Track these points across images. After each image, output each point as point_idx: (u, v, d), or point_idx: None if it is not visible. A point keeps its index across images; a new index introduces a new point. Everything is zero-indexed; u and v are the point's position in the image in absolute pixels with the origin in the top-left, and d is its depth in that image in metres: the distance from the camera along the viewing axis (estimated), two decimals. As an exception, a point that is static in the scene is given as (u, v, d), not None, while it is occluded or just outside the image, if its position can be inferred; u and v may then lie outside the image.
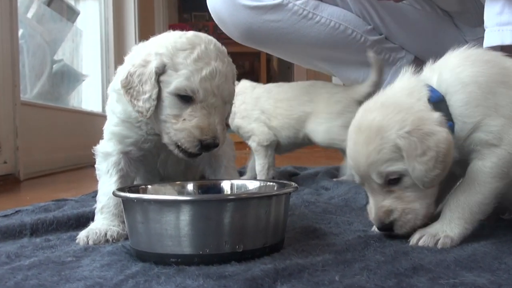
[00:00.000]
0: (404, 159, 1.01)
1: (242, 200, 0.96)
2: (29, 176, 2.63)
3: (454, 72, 1.07)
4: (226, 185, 1.18)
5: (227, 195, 1.14)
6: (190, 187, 1.17)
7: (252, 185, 1.17)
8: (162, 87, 1.13)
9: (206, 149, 1.13)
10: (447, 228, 1.04)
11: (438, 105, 1.05)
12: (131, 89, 1.14)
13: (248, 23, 1.97)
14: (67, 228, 1.25)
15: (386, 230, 1.07)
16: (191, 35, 1.17)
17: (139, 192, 1.10)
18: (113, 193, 1.03)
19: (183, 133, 1.12)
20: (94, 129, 1.45)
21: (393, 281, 0.81)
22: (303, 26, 1.95)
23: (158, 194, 1.12)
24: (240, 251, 0.93)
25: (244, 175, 2.20)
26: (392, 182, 1.04)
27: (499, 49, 1.42)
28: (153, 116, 1.15)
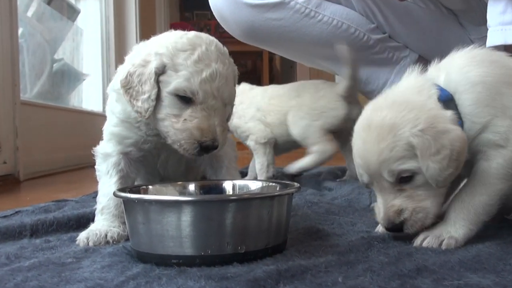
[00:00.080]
0: (417, 157, 1.00)
1: (244, 200, 0.95)
2: (29, 177, 2.62)
3: (462, 72, 1.06)
4: (228, 185, 1.17)
5: (229, 195, 1.14)
6: (192, 187, 1.17)
7: (254, 185, 1.17)
8: (161, 87, 1.13)
9: (205, 151, 1.13)
10: (452, 229, 1.03)
11: (447, 104, 1.05)
12: (130, 89, 1.14)
13: (250, 21, 1.96)
14: (67, 229, 1.24)
15: (395, 230, 1.05)
16: (192, 35, 1.16)
17: (140, 193, 1.09)
18: (113, 193, 1.03)
19: (184, 133, 1.11)
20: (94, 129, 1.45)
21: (396, 282, 0.80)
22: (305, 24, 1.94)
23: (159, 195, 1.11)
24: (242, 252, 0.92)
25: (247, 175, 2.20)
26: (404, 181, 1.03)
27: (502, 48, 1.41)
28: (152, 116, 1.15)
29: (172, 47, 1.13)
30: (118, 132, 1.21)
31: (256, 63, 7.06)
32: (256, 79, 5.78)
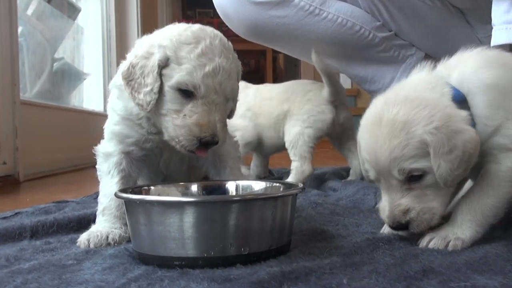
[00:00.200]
0: (429, 156, 0.98)
1: (248, 201, 0.94)
2: (29, 177, 2.61)
3: (476, 73, 1.05)
4: (231, 186, 1.16)
5: (232, 196, 1.13)
6: (194, 188, 1.16)
7: (258, 186, 1.16)
8: (163, 81, 1.12)
9: (205, 146, 1.11)
10: (458, 230, 1.02)
11: (460, 104, 1.03)
12: (132, 81, 1.13)
13: (253, 18, 1.95)
14: (68, 231, 1.24)
15: (400, 229, 1.04)
16: (196, 28, 1.15)
17: (141, 193, 1.08)
18: (115, 194, 1.02)
19: (182, 130, 1.10)
20: (95, 129, 1.44)
21: (402, 284, 0.80)
22: (310, 22, 1.93)
23: (161, 195, 1.10)
24: (245, 253, 0.91)
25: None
26: (413, 179, 1.01)
27: (507, 47, 1.41)
28: (153, 111, 1.14)
29: (176, 40, 1.12)
30: (119, 130, 1.20)
31: (259, 62, 7.05)
32: (259, 79, 5.75)
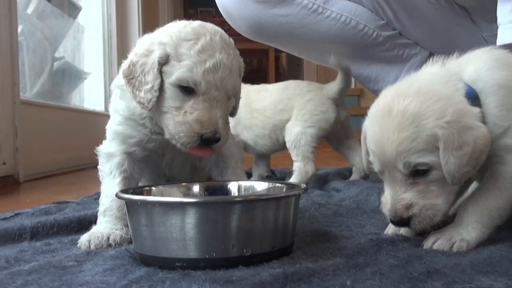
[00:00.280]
0: (436, 151, 0.97)
1: (250, 202, 0.93)
2: (29, 178, 2.61)
3: (490, 73, 1.04)
4: (233, 186, 1.16)
5: (234, 197, 1.12)
6: (196, 188, 1.15)
7: (260, 186, 1.15)
8: (164, 78, 1.12)
9: (206, 143, 1.11)
10: (464, 231, 1.02)
11: (473, 101, 1.03)
12: (133, 79, 1.13)
13: (256, 17, 1.94)
14: (69, 232, 1.23)
15: (401, 224, 1.03)
16: (196, 25, 1.15)
17: (143, 194, 1.08)
18: (116, 195, 1.01)
19: (183, 126, 1.10)
20: (96, 129, 1.43)
21: (406, 285, 0.80)
22: (313, 21, 1.92)
23: (163, 196, 1.10)
24: (248, 255, 0.91)
25: (251, 176, 2.20)
26: (418, 174, 1.00)
27: None
28: (154, 108, 1.13)
29: (176, 37, 1.12)
30: (121, 131, 1.20)
31: (262, 62, 7.04)
32: (262, 78, 5.76)
